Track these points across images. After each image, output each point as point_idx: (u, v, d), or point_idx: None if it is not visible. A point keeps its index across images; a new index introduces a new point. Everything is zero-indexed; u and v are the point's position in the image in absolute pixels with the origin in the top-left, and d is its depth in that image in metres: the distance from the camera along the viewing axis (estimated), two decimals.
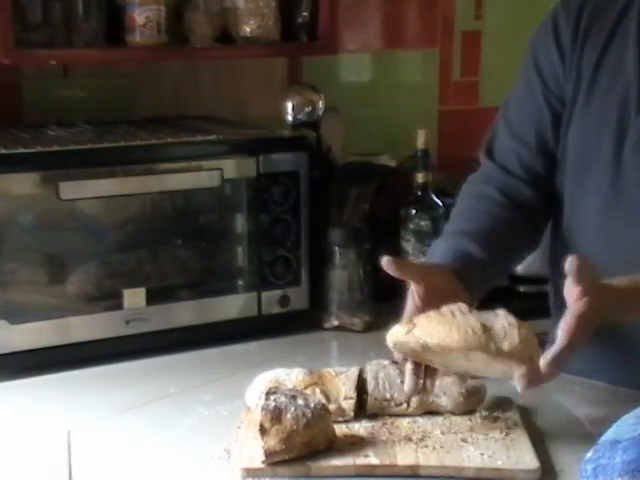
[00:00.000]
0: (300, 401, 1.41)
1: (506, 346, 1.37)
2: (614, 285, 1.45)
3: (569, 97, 1.68)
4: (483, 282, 1.63)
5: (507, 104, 1.78)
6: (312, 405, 1.41)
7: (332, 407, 1.50)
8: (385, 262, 1.47)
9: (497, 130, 1.79)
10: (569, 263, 1.38)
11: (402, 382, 1.55)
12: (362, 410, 1.54)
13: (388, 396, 1.54)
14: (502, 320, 1.40)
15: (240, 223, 2.05)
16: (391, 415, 1.53)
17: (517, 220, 1.73)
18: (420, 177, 2.25)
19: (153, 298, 1.96)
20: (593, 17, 1.66)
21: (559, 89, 1.70)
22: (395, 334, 1.44)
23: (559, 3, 1.72)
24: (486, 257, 1.62)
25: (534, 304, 2.02)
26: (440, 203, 2.24)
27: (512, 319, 1.41)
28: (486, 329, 1.38)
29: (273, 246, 2.04)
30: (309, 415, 1.39)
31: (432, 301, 1.49)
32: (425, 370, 1.48)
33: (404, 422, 1.51)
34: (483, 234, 1.67)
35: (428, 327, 1.40)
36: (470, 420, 1.52)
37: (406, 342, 1.42)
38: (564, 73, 1.69)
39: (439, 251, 1.64)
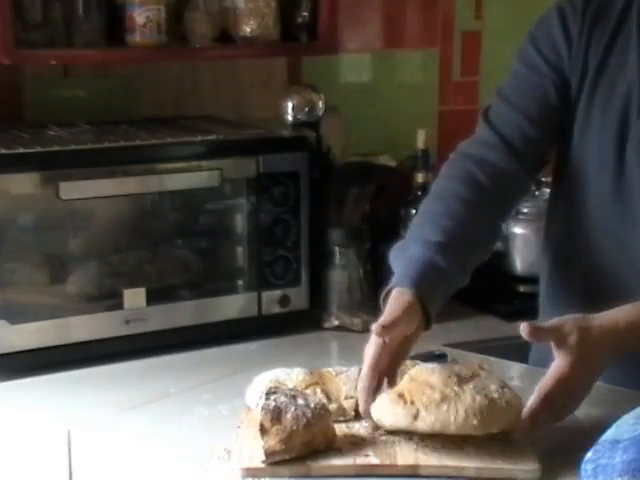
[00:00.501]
0: (300, 401, 1.41)
1: (511, 415, 1.39)
2: (618, 322, 1.44)
3: (573, 92, 1.67)
4: (444, 297, 1.61)
5: (500, 90, 1.73)
6: (312, 405, 1.41)
7: (333, 407, 1.49)
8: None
9: (494, 106, 1.74)
10: (522, 331, 1.40)
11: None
12: None
13: None
14: (491, 383, 1.41)
15: (240, 223, 2.05)
16: None
17: (496, 208, 1.69)
18: (420, 177, 2.25)
19: (153, 298, 1.96)
20: (596, 17, 1.65)
21: (565, 75, 1.67)
22: (396, 418, 1.39)
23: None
24: (454, 270, 1.59)
25: (534, 304, 2.02)
26: None
27: (498, 379, 1.43)
28: (493, 403, 1.38)
29: (273, 246, 2.04)
30: (309, 415, 1.39)
31: (397, 337, 1.50)
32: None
33: None
34: (456, 238, 1.60)
35: (437, 412, 1.37)
36: None
37: (415, 429, 1.38)
38: (570, 64, 1.66)
39: (410, 263, 1.58)
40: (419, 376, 1.43)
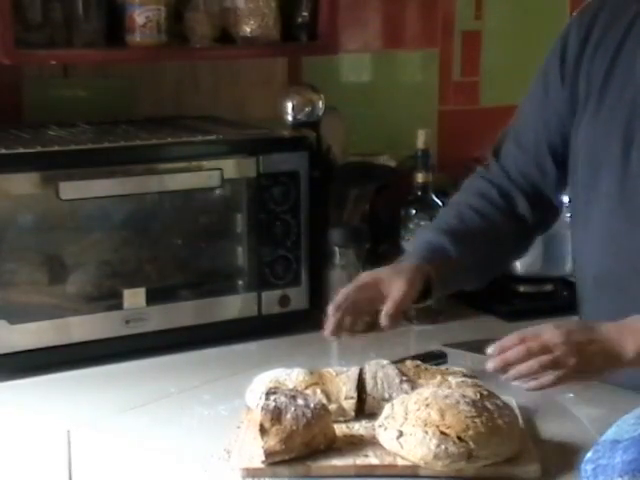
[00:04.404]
0: (300, 401, 1.41)
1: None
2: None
3: (580, 102, 1.70)
4: (454, 278, 1.73)
5: (521, 106, 1.82)
6: (312, 405, 1.41)
7: (333, 407, 1.50)
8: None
9: (507, 132, 1.83)
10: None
11: (401, 382, 1.55)
12: (363, 410, 1.54)
13: (386, 396, 1.54)
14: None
15: (240, 223, 2.05)
16: None
17: (508, 226, 1.78)
18: (420, 177, 2.25)
19: (153, 298, 1.96)
20: (605, 27, 1.68)
21: (559, 104, 1.73)
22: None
23: (576, 13, 1.75)
24: (461, 257, 1.71)
25: (534, 304, 2.03)
26: (440, 203, 2.24)
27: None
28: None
29: (273, 246, 2.04)
30: (309, 415, 1.39)
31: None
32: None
33: None
34: (467, 236, 1.74)
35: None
36: None
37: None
38: (563, 87, 1.72)
39: (421, 241, 1.76)
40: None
